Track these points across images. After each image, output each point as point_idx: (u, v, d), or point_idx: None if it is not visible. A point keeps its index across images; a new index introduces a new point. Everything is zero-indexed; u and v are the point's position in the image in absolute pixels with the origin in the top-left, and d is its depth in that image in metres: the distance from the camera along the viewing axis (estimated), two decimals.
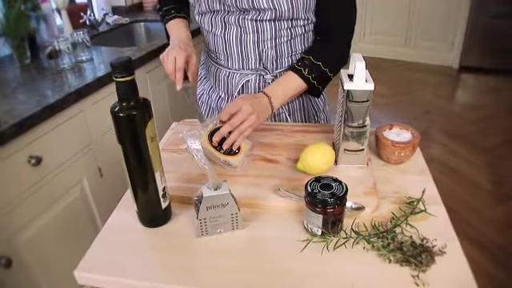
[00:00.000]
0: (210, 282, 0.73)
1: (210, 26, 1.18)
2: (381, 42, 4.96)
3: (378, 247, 0.77)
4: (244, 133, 1.00)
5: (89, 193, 1.63)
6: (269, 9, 1.07)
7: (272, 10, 1.07)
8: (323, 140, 1.05)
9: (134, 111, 0.73)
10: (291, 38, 1.16)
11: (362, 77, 0.89)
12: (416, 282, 0.71)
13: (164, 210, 0.84)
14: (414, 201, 0.88)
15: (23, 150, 1.33)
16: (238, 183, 0.94)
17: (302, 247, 0.78)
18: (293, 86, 1.13)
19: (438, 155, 3.04)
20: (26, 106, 1.39)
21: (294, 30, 1.15)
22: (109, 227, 0.88)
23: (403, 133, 1.05)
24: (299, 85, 1.13)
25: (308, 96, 1.29)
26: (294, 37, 1.16)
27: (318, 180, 0.79)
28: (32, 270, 1.41)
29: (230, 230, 0.82)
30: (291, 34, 1.15)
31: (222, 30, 1.16)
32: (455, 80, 4.45)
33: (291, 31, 1.14)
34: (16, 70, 1.78)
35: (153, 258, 0.79)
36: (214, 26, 1.17)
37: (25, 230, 1.37)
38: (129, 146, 0.76)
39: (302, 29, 1.16)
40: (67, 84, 1.58)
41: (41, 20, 1.98)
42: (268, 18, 1.10)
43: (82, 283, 0.78)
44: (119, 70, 0.71)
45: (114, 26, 2.46)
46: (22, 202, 1.34)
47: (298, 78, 1.12)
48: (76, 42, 1.80)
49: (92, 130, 1.62)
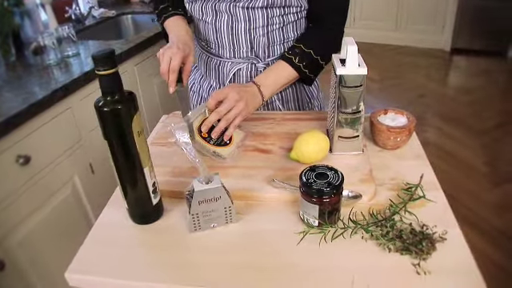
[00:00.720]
0: (205, 278, 0.70)
1: (200, 14, 1.15)
2: (371, 27, 4.93)
3: (377, 236, 0.75)
4: (233, 122, 0.98)
5: (81, 190, 1.60)
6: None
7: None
8: (316, 128, 1.02)
9: (118, 105, 0.70)
10: (283, 25, 1.13)
11: (354, 61, 0.86)
12: (417, 270, 0.69)
13: (155, 206, 0.81)
14: (411, 187, 0.86)
15: (10, 149, 1.30)
16: (231, 175, 0.91)
17: (298, 240, 0.76)
18: (284, 74, 1.11)
19: (434, 139, 3.03)
20: (12, 103, 1.35)
21: (287, 17, 1.12)
22: (99, 226, 0.85)
23: (398, 117, 1.02)
24: (290, 73, 1.11)
25: (301, 84, 1.26)
26: (287, 24, 1.13)
27: (312, 169, 0.77)
28: (26, 271, 1.38)
29: (223, 224, 0.80)
30: (283, 21, 1.12)
31: (212, 17, 1.13)
32: (447, 62, 4.43)
33: (283, 18, 1.12)
34: (1, 67, 1.74)
35: (145, 256, 0.77)
36: (204, 13, 1.14)
37: (16, 231, 1.34)
38: (115, 142, 0.73)
39: (294, 16, 1.13)
40: (54, 80, 1.54)
41: (25, 16, 1.93)
42: (260, 6, 1.07)
43: (73, 285, 0.75)
44: (101, 63, 0.68)
45: (101, 19, 2.41)
46: (11, 203, 1.31)
47: (288, 66, 1.10)
48: (61, 37, 1.76)
49: (81, 126, 1.58)
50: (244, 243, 0.77)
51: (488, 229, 2.20)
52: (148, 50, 1.99)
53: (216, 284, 0.70)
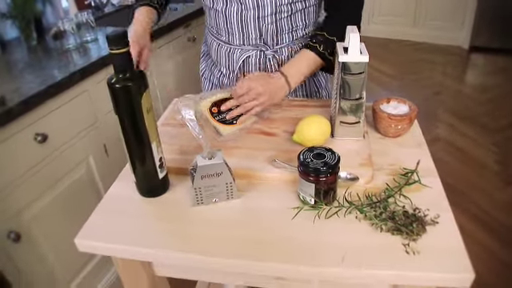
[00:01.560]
0: (205, 248, 0.75)
1: (210, 3, 1.19)
2: (390, 23, 4.90)
3: (371, 217, 0.79)
4: (251, 111, 1.04)
5: (94, 169, 1.66)
6: None
7: None
8: (321, 114, 1.05)
9: (129, 82, 0.75)
10: (291, 14, 1.16)
11: (356, 49, 0.89)
12: (407, 250, 0.72)
13: (161, 180, 0.86)
14: (408, 172, 0.89)
15: (29, 127, 1.36)
16: (235, 155, 0.95)
17: (294, 216, 0.80)
18: (310, 63, 1.14)
19: (446, 135, 3.02)
20: (32, 84, 1.41)
21: (295, 6, 1.15)
22: (109, 197, 0.90)
23: (400, 106, 1.05)
24: (315, 61, 1.14)
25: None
26: (295, 12, 1.16)
27: (311, 150, 0.81)
28: (40, 243, 1.45)
29: (225, 199, 0.84)
30: (291, 9, 1.15)
31: (223, 5, 1.17)
32: (465, 60, 4.38)
33: (291, 6, 1.15)
34: (23, 51, 1.81)
35: (150, 225, 0.82)
36: (215, 2, 1.18)
37: (32, 206, 1.41)
38: (125, 117, 0.77)
39: (302, 4, 1.16)
40: (72, 64, 1.60)
41: (46, 2, 2.00)
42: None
43: (82, 250, 0.80)
44: (115, 42, 0.73)
45: (119, 7, 2.47)
46: (29, 178, 1.38)
47: (313, 54, 1.13)
48: (81, 23, 1.81)
49: (97, 109, 1.64)
50: (243, 218, 0.81)
51: (497, 227, 2.19)
52: (163, 37, 2.04)
53: (214, 253, 0.74)
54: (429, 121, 3.20)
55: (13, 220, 1.34)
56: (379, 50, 4.61)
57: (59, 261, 1.54)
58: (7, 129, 1.28)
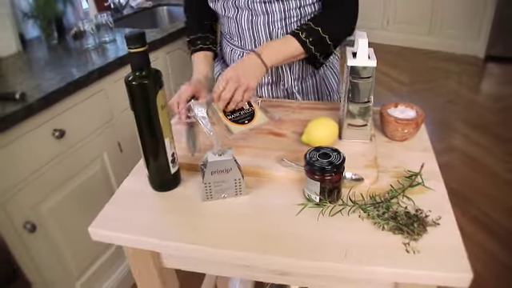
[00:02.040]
0: (213, 240, 0.78)
1: (222, 11, 1.23)
2: (404, 31, 4.90)
3: (373, 216, 0.81)
4: (242, 99, 1.07)
5: (109, 166, 1.71)
6: None
7: None
8: (331, 117, 1.08)
9: (145, 80, 0.79)
10: (301, 18, 1.20)
11: (364, 53, 0.92)
12: (407, 249, 0.75)
13: (173, 175, 0.90)
14: (412, 174, 0.91)
15: (48, 122, 1.41)
16: (245, 153, 0.99)
17: (300, 213, 0.83)
18: (288, 47, 1.12)
19: (459, 144, 3.02)
20: (52, 82, 1.46)
21: (304, 10, 1.18)
22: (122, 191, 0.94)
23: (408, 110, 1.07)
24: (295, 47, 1.12)
25: (322, 77, 1.33)
26: (304, 16, 1.20)
27: (317, 149, 0.84)
28: (54, 235, 1.50)
29: (233, 195, 0.87)
30: (300, 13, 1.19)
31: (234, 13, 1.21)
32: (480, 70, 4.36)
33: (300, 11, 1.18)
34: (44, 49, 1.87)
35: (161, 218, 0.85)
36: (226, 10, 1.22)
37: (48, 199, 1.46)
38: (140, 113, 0.81)
39: (311, 8, 1.19)
40: (90, 63, 1.65)
41: (67, 3, 2.06)
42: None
43: (95, 239, 0.84)
44: (133, 42, 0.77)
45: (138, 9, 2.53)
46: (45, 173, 1.43)
47: (294, 40, 1.11)
48: (100, 24, 1.87)
49: (113, 107, 1.69)
50: (251, 213, 0.85)
51: (505, 234, 2.19)
52: (180, 40, 2.09)
53: (222, 246, 0.77)
54: (442, 129, 3.20)
55: (29, 211, 1.39)
56: (393, 58, 4.62)
57: (72, 252, 1.59)
58: (27, 124, 1.33)
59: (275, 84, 1.31)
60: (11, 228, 1.33)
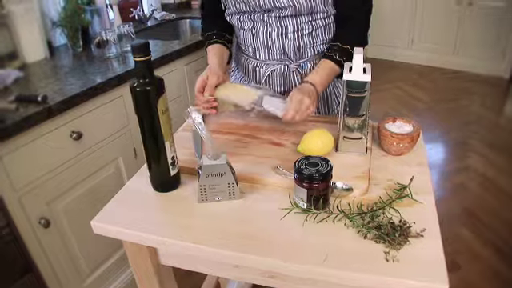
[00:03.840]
0: (203, 240, 0.83)
1: (239, 23, 1.31)
2: (429, 50, 4.89)
3: (358, 225, 0.84)
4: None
5: (123, 170, 1.79)
6: (289, 6, 1.18)
7: (292, 7, 1.18)
8: (330, 129, 1.12)
9: (148, 87, 0.85)
10: (312, 31, 1.26)
11: (359, 68, 0.96)
12: (387, 257, 0.77)
13: (173, 177, 0.96)
14: (402, 187, 0.94)
15: (67, 124, 1.50)
16: (243, 161, 1.04)
17: (287, 218, 0.87)
18: (330, 71, 1.23)
19: (476, 165, 2.98)
20: (73, 86, 1.56)
21: (315, 23, 1.25)
22: (125, 189, 1.00)
23: (405, 126, 1.10)
24: (334, 69, 1.23)
25: (332, 87, 1.39)
26: (315, 29, 1.26)
27: (307, 158, 0.88)
28: (66, 232, 1.58)
29: (227, 198, 0.92)
30: (312, 26, 1.25)
31: (250, 25, 1.28)
32: (504, 90, 4.30)
33: (312, 24, 1.25)
34: (69, 56, 1.98)
35: (158, 216, 0.91)
36: (242, 22, 1.29)
37: (64, 197, 1.54)
38: (143, 117, 0.88)
39: (322, 21, 1.26)
40: (111, 70, 1.74)
41: (94, 13, 2.17)
42: (289, 14, 1.21)
43: (96, 232, 0.90)
44: (138, 51, 0.83)
45: (162, 21, 2.63)
46: (62, 172, 1.51)
47: (332, 63, 1.22)
48: (122, 34, 1.97)
49: (130, 114, 1.77)
50: (242, 216, 0.89)
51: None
52: (197, 52, 2.16)
53: (212, 245, 0.82)
54: (460, 149, 3.17)
55: (44, 208, 1.47)
56: (417, 77, 4.61)
57: (83, 251, 1.66)
58: (47, 125, 1.42)
59: (286, 94, 1.36)
60: (27, 222, 1.41)
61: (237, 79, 1.49)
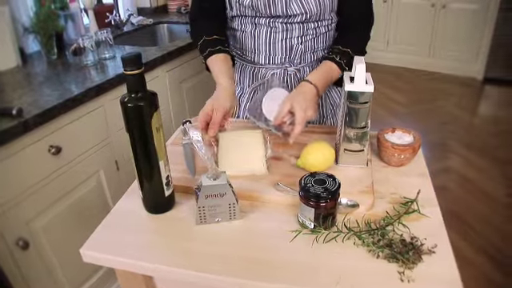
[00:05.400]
0: (204, 266, 0.77)
1: (239, 26, 1.26)
2: (404, 52, 4.94)
3: (368, 243, 0.80)
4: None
5: (105, 184, 1.70)
6: (299, 13, 1.17)
7: (302, 14, 1.17)
8: (327, 141, 1.07)
9: (141, 102, 0.79)
10: (316, 36, 1.24)
11: (362, 78, 0.92)
12: (401, 278, 0.74)
13: (167, 197, 0.89)
14: (408, 201, 0.90)
15: (45, 139, 1.41)
16: (239, 177, 0.98)
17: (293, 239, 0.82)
18: (331, 73, 1.19)
19: (456, 166, 3.01)
20: (50, 98, 1.47)
21: (319, 29, 1.24)
22: (116, 211, 0.93)
23: (405, 136, 1.07)
24: (335, 71, 1.20)
25: (326, 93, 1.36)
26: (319, 35, 1.25)
27: (312, 175, 0.83)
28: (47, 253, 1.48)
29: (227, 219, 0.86)
30: (316, 32, 1.23)
31: (252, 28, 1.24)
32: (478, 91, 4.39)
33: (316, 30, 1.23)
34: (43, 64, 1.88)
35: (153, 241, 0.84)
36: (243, 25, 1.25)
37: (42, 216, 1.45)
38: (136, 135, 0.81)
39: (325, 28, 1.25)
40: (89, 79, 1.66)
41: (69, 19, 2.07)
42: (297, 21, 1.19)
43: (86, 261, 0.83)
44: (129, 64, 0.77)
45: (138, 26, 2.55)
46: (40, 189, 1.42)
47: (333, 64, 1.19)
48: (100, 41, 1.88)
49: (111, 125, 1.69)
50: (244, 238, 0.83)
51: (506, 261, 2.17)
52: (180, 57, 2.10)
53: (214, 271, 0.76)
54: (438, 150, 3.20)
55: (22, 228, 1.38)
56: (393, 78, 4.65)
57: (65, 271, 1.57)
58: (23, 140, 1.33)
59: None
60: (3, 244, 1.32)
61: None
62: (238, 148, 1.07)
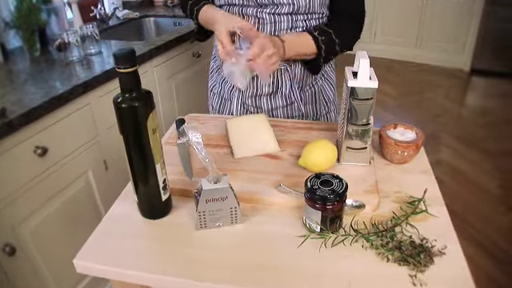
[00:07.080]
0: (206, 274, 0.73)
1: None
2: (392, 43, 4.94)
3: (377, 246, 0.77)
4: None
5: (94, 184, 1.64)
6: (287, 4, 1.12)
7: (290, 5, 1.12)
8: (327, 138, 1.04)
9: (136, 102, 0.74)
10: (306, 28, 1.19)
11: (366, 74, 0.88)
12: (413, 281, 0.71)
13: (164, 202, 0.84)
14: (415, 200, 0.87)
15: (29, 140, 1.34)
16: (240, 178, 0.94)
17: (299, 243, 0.78)
18: (304, 43, 1.15)
19: (447, 158, 3.02)
20: (34, 96, 1.40)
21: (309, 23, 1.19)
22: (109, 218, 0.88)
23: (407, 132, 1.04)
24: (309, 44, 1.15)
25: (320, 87, 1.32)
26: (309, 27, 1.19)
27: (318, 176, 0.79)
28: (35, 258, 1.42)
29: (229, 224, 0.82)
30: (306, 25, 1.18)
31: None
32: (466, 83, 4.41)
33: (307, 23, 1.18)
34: (26, 61, 1.80)
35: (151, 249, 0.79)
36: None
37: (29, 220, 1.39)
38: (130, 137, 0.76)
39: (316, 21, 1.20)
40: (75, 76, 1.59)
41: (52, 13, 2.00)
42: (285, 12, 1.14)
43: (80, 272, 0.78)
44: (122, 61, 0.72)
45: (124, 20, 2.47)
46: (27, 192, 1.36)
47: (309, 36, 1.14)
48: (85, 35, 1.81)
49: (98, 123, 1.63)
50: (247, 243, 0.79)
51: (497, 252, 2.17)
52: (168, 52, 2.03)
53: (216, 280, 0.72)
54: (429, 142, 3.18)
55: (8, 233, 1.32)
56: (381, 71, 4.60)
57: (53, 276, 1.51)
58: (7, 141, 1.26)
59: (274, 94, 1.27)
60: None
61: (217, 82, 1.38)
62: (248, 131, 1.08)
